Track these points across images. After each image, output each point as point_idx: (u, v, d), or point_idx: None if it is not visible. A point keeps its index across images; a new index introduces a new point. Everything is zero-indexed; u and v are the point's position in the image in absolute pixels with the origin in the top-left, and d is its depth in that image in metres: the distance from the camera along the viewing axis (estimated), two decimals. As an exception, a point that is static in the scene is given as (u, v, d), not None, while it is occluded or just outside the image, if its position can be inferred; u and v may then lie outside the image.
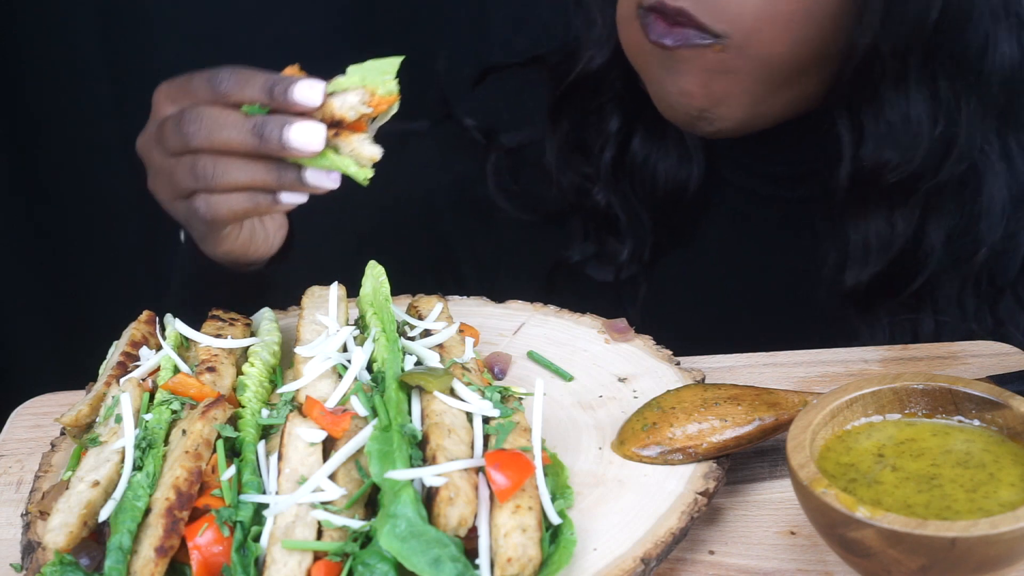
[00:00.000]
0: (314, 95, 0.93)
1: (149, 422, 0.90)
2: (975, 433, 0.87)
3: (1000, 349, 1.09)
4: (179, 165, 0.96)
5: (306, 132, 0.92)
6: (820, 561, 0.88)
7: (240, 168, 0.94)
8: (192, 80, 0.97)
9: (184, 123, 0.95)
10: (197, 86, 0.96)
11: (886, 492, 0.83)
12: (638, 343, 1.07)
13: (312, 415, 0.89)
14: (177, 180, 0.97)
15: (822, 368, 1.08)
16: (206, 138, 0.94)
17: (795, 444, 0.84)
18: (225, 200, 0.96)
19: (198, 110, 0.95)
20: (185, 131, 0.94)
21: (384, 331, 0.96)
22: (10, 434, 1.06)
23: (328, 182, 0.95)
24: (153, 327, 1.03)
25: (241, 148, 0.94)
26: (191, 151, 0.95)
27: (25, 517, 0.91)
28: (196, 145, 0.94)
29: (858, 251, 1.17)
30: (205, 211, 0.96)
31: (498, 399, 0.92)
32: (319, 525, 0.83)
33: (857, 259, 1.17)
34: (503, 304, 1.14)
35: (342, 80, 0.94)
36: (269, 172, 0.95)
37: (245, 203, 0.96)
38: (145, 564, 0.80)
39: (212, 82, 0.95)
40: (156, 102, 1.00)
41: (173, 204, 1.00)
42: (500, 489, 0.83)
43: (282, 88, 0.93)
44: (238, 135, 0.93)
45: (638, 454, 0.94)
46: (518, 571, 0.80)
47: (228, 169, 0.94)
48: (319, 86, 0.93)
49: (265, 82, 0.94)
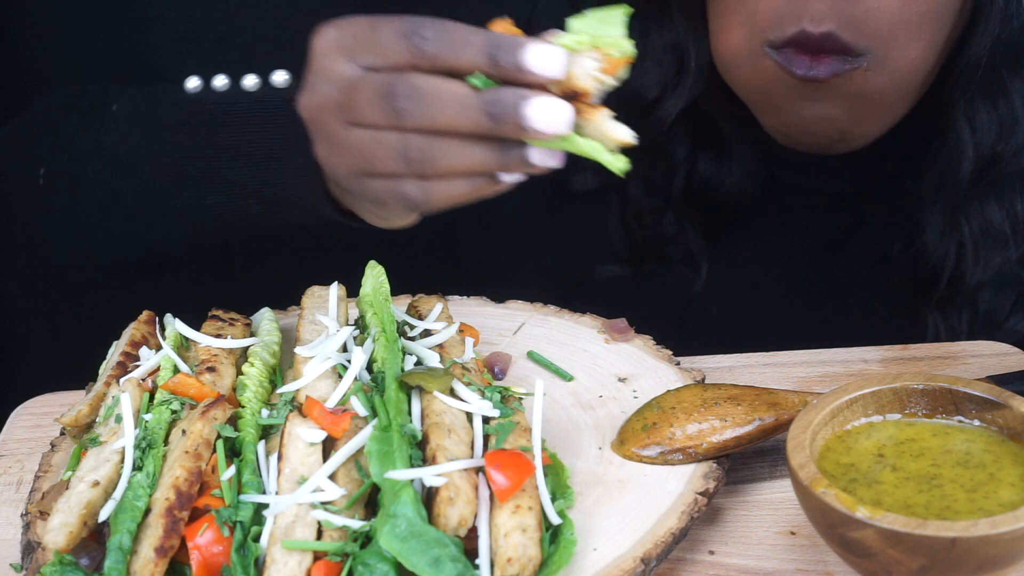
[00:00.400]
0: (555, 63, 0.78)
1: (149, 422, 0.90)
2: (975, 433, 0.87)
3: (1000, 349, 1.09)
4: (380, 143, 0.82)
5: (551, 111, 0.78)
6: (820, 561, 0.88)
7: (463, 151, 0.80)
8: (377, 30, 0.81)
9: (395, 95, 0.79)
10: (389, 41, 0.80)
11: (886, 492, 0.83)
12: (638, 343, 1.07)
13: (312, 415, 0.89)
14: (377, 160, 0.82)
15: (822, 368, 1.08)
16: (426, 116, 0.79)
17: (795, 444, 0.84)
18: (444, 187, 0.82)
19: (412, 81, 0.79)
20: (397, 106, 0.79)
21: (384, 331, 0.96)
22: (10, 434, 1.06)
23: (553, 161, 0.81)
24: (153, 327, 1.03)
25: (470, 130, 0.79)
26: (400, 128, 0.81)
27: (25, 517, 0.91)
28: (412, 124, 0.80)
29: (982, 240, 1.18)
30: (418, 198, 0.82)
31: (498, 399, 0.92)
32: (319, 525, 0.83)
33: (985, 247, 1.18)
34: (503, 304, 1.14)
35: (566, 39, 0.79)
36: (494, 153, 0.80)
37: (465, 188, 0.82)
38: (145, 564, 0.80)
39: (412, 39, 0.79)
40: (321, 52, 0.84)
41: (358, 180, 0.86)
42: (500, 489, 0.83)
43: (510, 54, 0.78)
44: (468, 115, 0.79)
45: (638, 454, 0.94)
46: (518, 571, 0.80)
47: (449, 152, 0.80)
48: (559, 52, 0.78)
49: (484, 44, 0.78)
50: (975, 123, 1.14)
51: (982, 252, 1.18)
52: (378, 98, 0.80)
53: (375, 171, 0.83)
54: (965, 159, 1.15)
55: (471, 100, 0.78)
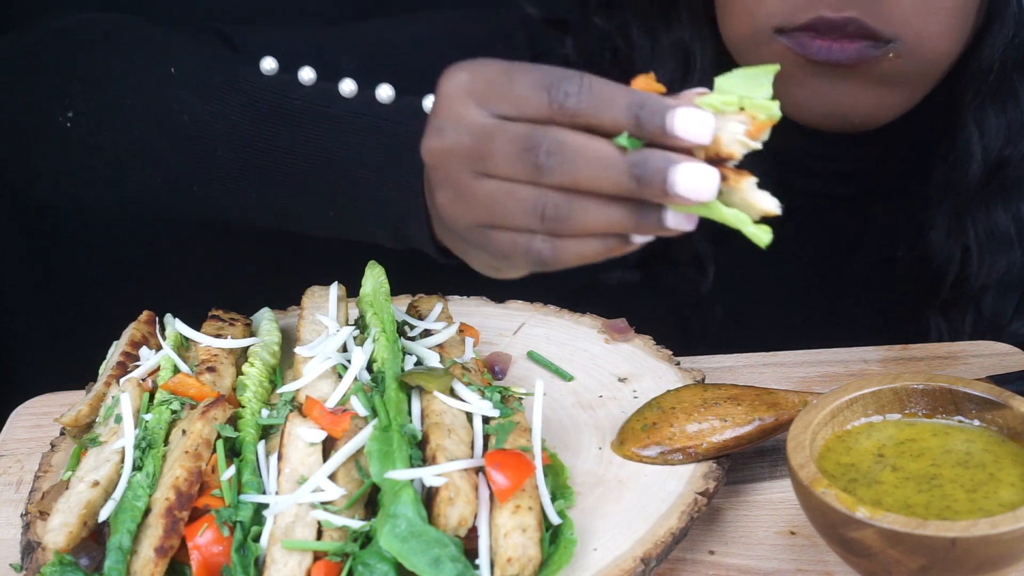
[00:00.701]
0: (703, 129, 0.74)
1: (149, 422, 0.90)
2: (975, 433, 0.87)
3: (1000, 349, 1.09)
4: (514, 197, 0.77)
5: (697, 178, 0.74)
6: (820, 561, 0.88)
7: (601, 211, 0.76)
8: (515, 79, 0.77)
9: (537, 150, 0.75)
10: (528, 91, 0.76)
11: (886, 492, 0.83)
12: (638, 343, 1.07)
13: (312, 415, 0.89)
14: (509, 214, 0.78)
15: (822, 368, 1.08)
16: (568, 174, 0.75)
17: (795, 444, 0.84)
18: (576, 246, 0.78)
19: (556, 135, 0.75)
20: (539, 161, 0.75)
21: (384, 331, 0.96)
22: (10, 434, 1.06)
23: (688, 225, 0.77)
24: (153, 327, 1.03)
25: (612, 191, 0.76)
26: (539, 184, 0.77)
27: (25, 517, 0.91)
28: (552, 181, 0.76)
29: (988, 243, 1.18)
30: (547, 255, 0.78)
31: (498, 399, 0.92)
32: (319, 525, 0.83)
33: (991, 250, 1.18)
34: (503, 304, 1.14)
35: (713, 98, 0.75)
36: (631, 215, 0.76)
37: (597, 248, 0.78)
38: (145, 564, 0.80)
39: (554, 93, 0.75)
40: (450, 94, 0.79)
41: (481, 232, 0.81)
42: (500, 489, 0.83)
43: (657, 116, 0.74)
44: (612, 176, 0.75)
45: (638, 454, 0.94)
46: (518, 571, 0.80)
47: (588, 212, 0.76)
48: (707, 117, 0.74)
49: (630, 104, 0.75)
50: (984, 127, 1.14)
51: (987, 255, 1.18)
52: (518, 151, 0.76)
53: (504, 225, 0.79)
54: (973, 162, 1.15)
55: (616, 160, 0.75)
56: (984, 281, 1.18)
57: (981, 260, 1.18)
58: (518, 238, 0.79)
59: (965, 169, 1.15)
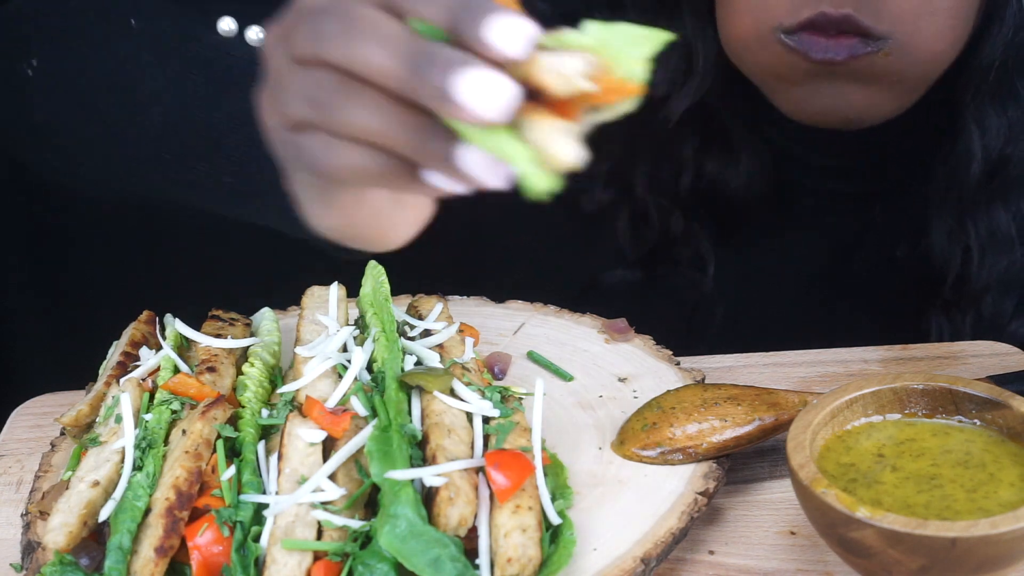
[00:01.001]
0: (516, 40, 0.62)
1: (149, 422, 0.90)
2: (975, 433, 0.87)
3: (1000, 349, 1.09)
4: (296, 79, 0.67)
5: (485, 86, 0.61)
6: (820, 561, 0.88)
7: (372, 110, 0.65)
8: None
9: (325, 20, 0.65)
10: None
11: (886, 492, 0.83)
12: (638, 343, 1.07)
13: (312, 415, 0.89)
14: (288, 100, 0.68)
15: (822, 368, 1.08)
16: (340, 47, 0.64)
17: (795, 444, 0.84)
18: (349, 153, 0.67)
19: (349, 8, 0.65)
20: (320, 28, 0.65)
21: (384, 331, 0.96)
22: (10, 434, 1.06)
23: (490, 175, 0.64)
24: (153, 327, 1.03)
25: (381, 77, 0.64)
26: (319, 61, 0.66)
27: (25, 517, 0.91)
28: (325, 53, 0.65)
29: (988, 243, 1.18)
30: (319, 156, 0.68)
31: (498, 399, 0.92)
32: (319, 525, 0.83)
33: (992, 250, 1.18)
34: (503, 304, 1.14)
35: (570, 37, 0.64)
36: (412, 132, 0.65)
37: (368, 164, 0.67)
38: (145, 564, 0.80)
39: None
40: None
41: (278, 133, 0.71)
42: (500, 489, 0.83)
43: (473, 16, 0.62)
44: (388, 58, 0.63)
45: (638, 454, 0.94)
46: (518, 571, 0.80)
47: (355, 104, 0.65)
48: (528, 30, 0.62)
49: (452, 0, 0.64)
50: (984, 126, 1.14)
51: (988, 255, 1.18)
52: (312, 22, 0.66)
53: (286, 114, 0.69)
54: (973, 162, 1.15)
55: (400, 41, 0.63)
56: (985, 281, 1.18)
57: (982, 260, 1.18)
58: (298, 136, 0.69)
59: (966, 169, 1.15)
